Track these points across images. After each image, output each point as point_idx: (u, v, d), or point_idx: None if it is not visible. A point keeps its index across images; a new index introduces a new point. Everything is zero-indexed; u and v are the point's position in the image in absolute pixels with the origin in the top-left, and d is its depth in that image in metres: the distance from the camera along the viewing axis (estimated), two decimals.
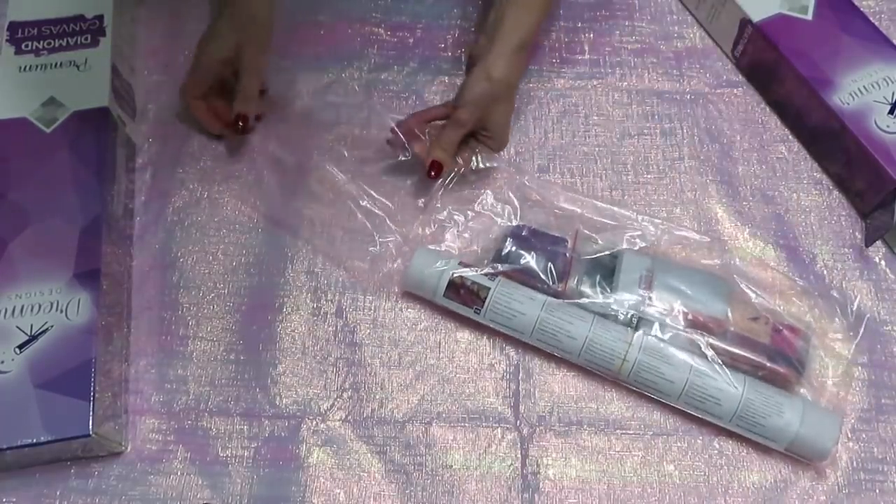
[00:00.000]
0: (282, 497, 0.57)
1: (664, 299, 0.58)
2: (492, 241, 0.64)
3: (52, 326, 0.56)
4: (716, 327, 0.58)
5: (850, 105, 0.67)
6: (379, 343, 0.63)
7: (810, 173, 0.70)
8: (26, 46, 0.68)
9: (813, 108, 0.69)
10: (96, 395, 0.54)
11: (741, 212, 0.68)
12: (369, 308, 0.64)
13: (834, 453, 0.58)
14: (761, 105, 0.73)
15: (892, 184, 0.63)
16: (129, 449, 0.59)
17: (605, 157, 0.70)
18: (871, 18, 0.72)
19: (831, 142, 0.68)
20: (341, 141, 0.69)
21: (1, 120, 0.64)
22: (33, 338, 0.56)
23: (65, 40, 0.68)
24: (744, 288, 0.60)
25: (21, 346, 0.56)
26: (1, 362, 0.55)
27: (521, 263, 0.61)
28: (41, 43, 0.68)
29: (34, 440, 0.53)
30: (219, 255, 0.66)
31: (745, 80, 0.74)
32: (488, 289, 0.60)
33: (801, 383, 0.59)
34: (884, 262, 0.66)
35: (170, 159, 0.69)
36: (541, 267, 0.61)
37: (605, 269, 0.61)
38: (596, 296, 0.60)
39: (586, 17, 0.77)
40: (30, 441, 0.53)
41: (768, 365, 0.57)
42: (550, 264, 0.61)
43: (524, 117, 0.72)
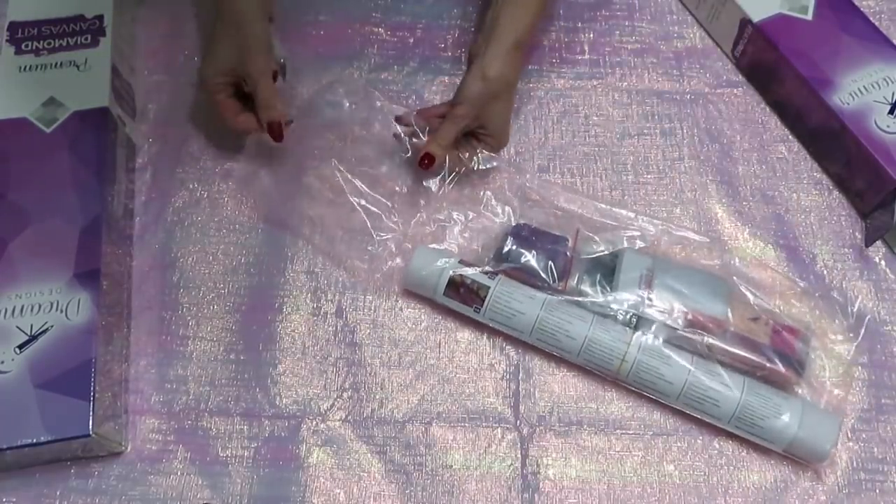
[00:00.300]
0: (282, 497, 0.57)
1: (664, 299, 0.58)
2: (492, 239, 0.64)
3: (52, 326, 0.56)
4: (715, 327, 0.58)
5: (850, 105, 0.67)
6: (379, 343, 0.63)
7: (810, 173, 0.70)
8: (26, 46, 0.68)
9: (813, 108, 0.69)
10: (96, 395, 0.54)
11: (741, 212, 0.68)
12: (369, 308, 0.64)
13: (834, 454, 0.58)
14: (761, 105, 0.73)
15: (892, 184, 0.63)
16: (129, 449, 0.59)
17: (605, 157, 0.70)
18: (871, 18, 0.72)
19: (831, 142, 0.68)
20: (341, 140, 0.69)
21: (1, 120, 0.64)
22: (33, 338, 0.56)
23: (65, 40, 0.68)
24: (743, 289, 0.60)
25: (21, 346, 0.56)
26: (1, 362, 0.55)
27: (521, 262, 0.61)
28: (41, 43, 0.68)
29: (34, 440, 0.53)
30: (219, 255, 0.66)
31: (745, 80, 0.74)
32: (488, 287, 0.60)
33: (800, 384, 0.59)
34: (884, 262, 0.66)
35: (170, 159, 0.69)
36: (541, 266, 0.60)
37: (606, 268, 0.61)
38: (596, 295, 0.60)
39: (586, 17, 0.77)
40: (30, 441, 0.53)
41: (768, 365, 0.57)
42: (551, 263, 0.61)
43: (524, 117, 0.72)
